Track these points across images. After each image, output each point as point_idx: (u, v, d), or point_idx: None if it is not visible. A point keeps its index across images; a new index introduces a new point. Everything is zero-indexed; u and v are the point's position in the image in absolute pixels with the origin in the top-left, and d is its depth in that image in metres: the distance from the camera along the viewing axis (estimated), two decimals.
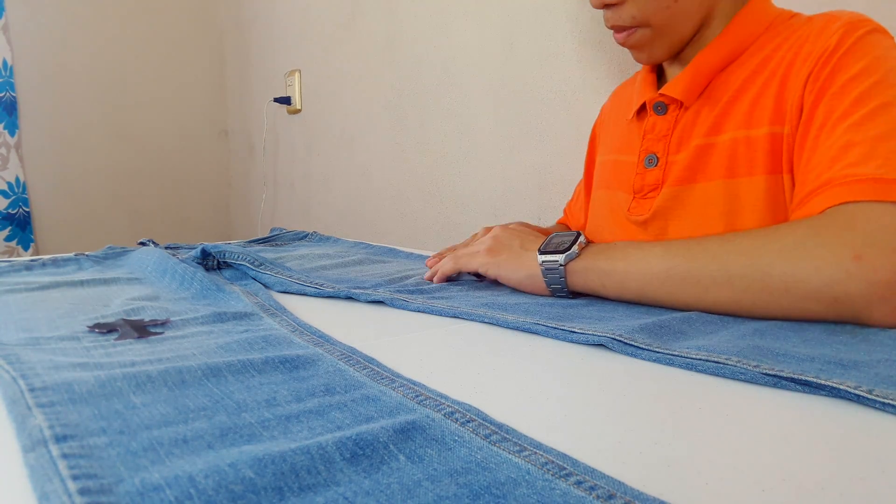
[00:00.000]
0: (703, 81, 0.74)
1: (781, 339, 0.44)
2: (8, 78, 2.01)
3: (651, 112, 0.79)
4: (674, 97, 0.76)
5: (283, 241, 1.02)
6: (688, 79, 0.75)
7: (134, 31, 2.28)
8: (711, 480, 0.26)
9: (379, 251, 0.90)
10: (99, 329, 0.46)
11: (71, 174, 2.19)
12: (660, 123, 0.78)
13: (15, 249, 2.06)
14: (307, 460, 0.26)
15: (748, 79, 0.71)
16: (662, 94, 0.77)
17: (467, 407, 0.32)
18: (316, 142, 1.99)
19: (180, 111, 2.40)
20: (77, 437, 0.27)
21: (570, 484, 0.25)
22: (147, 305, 0.53)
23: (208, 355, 0.40)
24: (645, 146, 0.79)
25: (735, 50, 0.73)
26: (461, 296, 0.61)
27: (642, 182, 0.79)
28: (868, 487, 0.26)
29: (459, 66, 1.44)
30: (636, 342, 0.44)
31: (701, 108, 0.74)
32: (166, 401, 0.32)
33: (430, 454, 0.27)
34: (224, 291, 0.59)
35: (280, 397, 0.33)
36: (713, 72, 0.74)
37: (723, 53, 0.74)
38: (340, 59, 1.83)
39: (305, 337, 0.45)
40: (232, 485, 0.24)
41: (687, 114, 0.76)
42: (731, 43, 0.74)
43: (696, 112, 0.75)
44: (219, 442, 0.28)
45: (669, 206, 0.75)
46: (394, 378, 0.36)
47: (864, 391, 0.34)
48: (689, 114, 0.75)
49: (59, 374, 0.35)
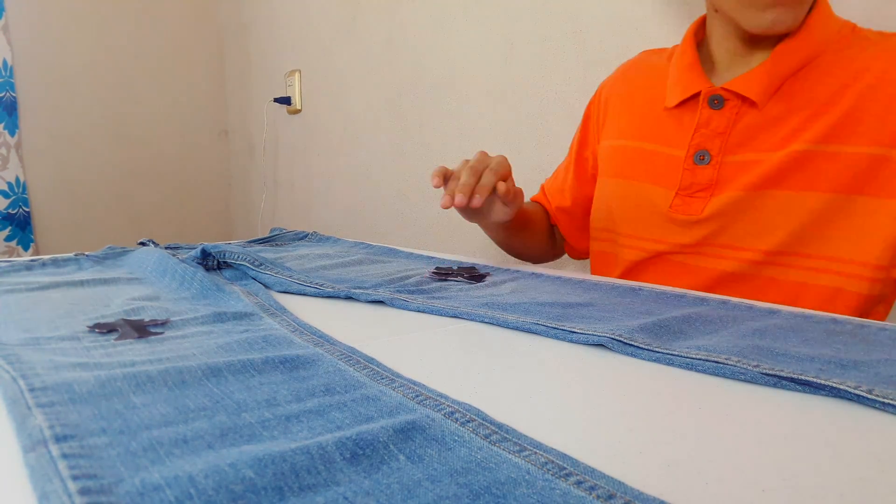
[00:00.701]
0: (779, 81, 0.70)
1: (781, 340, 0.44)
2: (8, 78, 2.01)
3: (705, 104, 0.74)
4: (745, 95, 0.71)
5: (283, 241, 1.02)
6: (766, 78, 0.70)
7: (134, 32, 2.28)
8: (711, 480, 0.26)
9: (379, 251, 0.90)
10: (99, 329, 0.46)
11: (71, 174, 2.19)
12: (716, 118, 0.73)
13: (15, 249, 2.06)
14: (307, 460, 0.26)
15: (838, 91, 0.67)
16: (727, 88, 0.72)
17: (467, 407, 0.32)
18: (316, 142, 1.99)
19: (180, 111, 2.40)
20: (77, 437, 0.27)
21: (571, 484, 0.25)
22: (147, 305, 0.53)
23: (208, 355, 0.40)
24: (696, 141, 0.74)
25: (811, 53, 0.69)
26: (461, 296, 0.61)
27: (692, 179, 0.74)
28: (868, 487, 0.26)
29: (459, 66, 1.44)
30: (636, 342, 0.44)
31: (771, 111, 0.70)
32: (166, 401, 0.32)
33: (430, 454, 0.27)
34: (224, 291, 0.59)
35: (280, 397, 0.33)
36: (790, 72, 0.70)
37: (801, 55, 0.69)
38: (340, 59, 1.83)
39: (305, 337, 0.45)
40: (232, 485, 0.24)
41: (753, 113, 0.71)
42: (809, 45, 0.69)
43: (765, 114, 0.70)
44: (219, 442, 0.28)
45: (731, 209, 0.71)
46: (394, 378, 0.36)
47: (864, 391, 0.34)
48: (756, 114, 0.71)
49: (59, 374, 0.35)
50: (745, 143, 0.71)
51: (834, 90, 0.67)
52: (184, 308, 0.53)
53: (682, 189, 0.75)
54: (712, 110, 0.73)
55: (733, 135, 0.72)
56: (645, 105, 0.83)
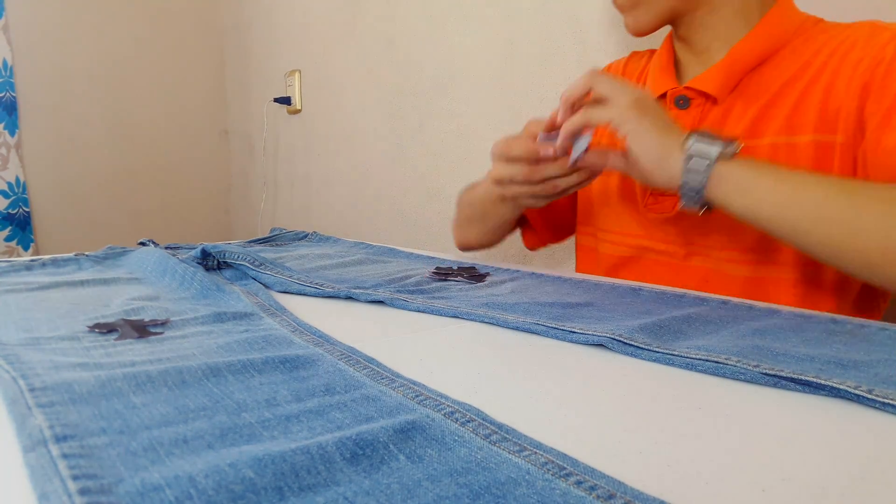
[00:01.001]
0: (737, 77, 0.72)
1: (781, 340, 0.44)
2: (8, 78, 2.01)
3: (671, 105, 0.76)
4: (705, 91, 0.73)
5: (283, 241, 1.02)
6: (723, 73, 0.72)
7: (134, 31, 2.27)
8: (711, 480, 0.26)
9: (379, 251, 0.90)
10: (99, 329, 0.46)
11: (71, 174, 2.19)
12: (683, 118, 0.75)
13: (15, 249, 2.06)
14: (307, 460, 0.26)
15: (788, 82, 0.69)
16: (690, 87, 0.74)
17: (467, 407, 0.32)
18: (316, 142, 1.99)
19: (180, 111, 2.40)
20: (77, 437, 0.27)
21: (570, 484, 0.25)
22: (147, 305, 0.53)
23: (208, 355, 0.40)
24: None
25: (770, 48, 0.71)
26: (461, 296, 0.61)
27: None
28: (868, 487, 0.26)
29: (459, 66, 1.43)
30: (636, 342, 0.44)
31: (732, 106, 0.72)
32: (166, 401, 0.32)
33: (430, 454, 0.27)
34: (224, 291, 0.59)
35: (280, 397, 0.33)
36: (747, 68, 0.72)
37: (758, 50, 0.71)
38: (340, 59, 1.83)
39: (305, 337, 0.45)
40: (232, 485, 0.24)
41: (715, 110, 0.73)
42: (766, 40, 0.71)
43: (726, 110, 0.72)
44: (219, 442, 0.28)
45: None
46: (394, 378, 0.36)
47: (864, 391, 0.34)
48: (719, 111, 0.73)
49: (59, 374, 0.35)
50: None
51: (784, 82, 0.69)
52: (184, 308, 0.53)
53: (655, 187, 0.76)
54: (679, 110, 0.75)
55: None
56: None
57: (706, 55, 0.76)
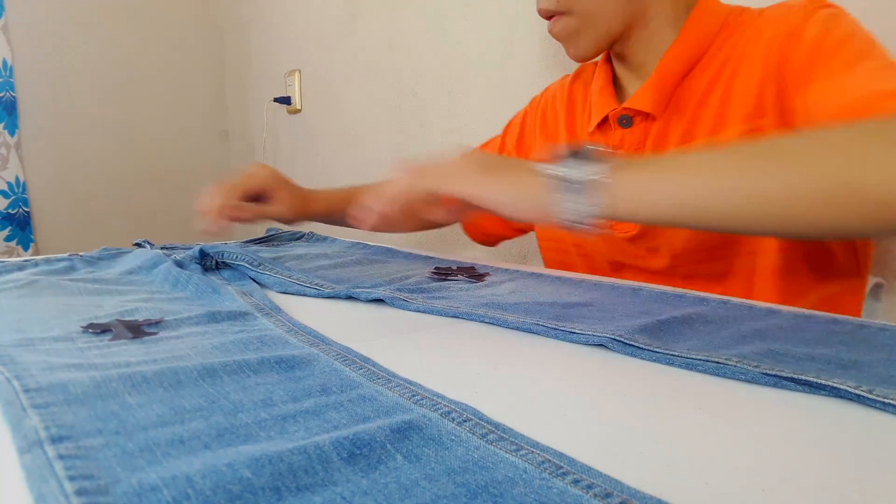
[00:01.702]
0: (669, 91, 0.72)
1: (781, 340, 0.44)
2: (8, 78, 2.01)
3: (615, 125, 0.76)
4: (641, 110, 0.73)
5: (280, 241, 1.02)
6: (654, 89, 0.72)
7: (134, 31, 2.27)
8: (711, 480, 0.26)
9: (377, 251, 0.90)
10: (93, 329, 0.46)
11: (71, 174, 2.19)
12: (628, 137, 0.75)
13: (15, 249, 2.06)
14: (304, 460, 0.25)
15: (711, 81, 0.69)
16: (627, 107, 0.74)
17: (464, 406, 0.32)
18: (316, 142, 1.99)
19: (180, 111, 2.40)
20: (73, 437, 0.27)
21: (567, 482, 0.25)
22: (141, 306, 0.53)
23: (203, 356, 0.39)
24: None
25: (695, 54, 0.71)
26: (461, 296, 0.61)
27: None
28: (868, 487, 0.26)
29: (459, 66, 1.43)
30: (636, 342, 0.44)
31: (670, 119, 0.72)
32: (162, 401, 0.32)
33: (427, 453, 0.27)
34: (219, 292, 0.59)
35: (276, 397, 0.33)
36: (677, 79, 0.71)
37: (684, 59, 0.71)
38: (340, 59, 1.83)
39: (301, 337, 0.45)
40: (229, 485, 0.24)
41: (657, 125, 0.73)
42: (689, 48, 0.71)
43: (665, 123, 0.72)
44: (215, 442, 0.28)
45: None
46: (390, 378, 0.36)
47: (865, 391, 0.34)
48: (660, 125, 0.73)
49: (53, 374, 0.35)
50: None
51: (708, 82, 0.70)
52: (178, 308, 0.53)
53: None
54: (624, 129, 0.75)
55: (646, 149, 0.74)
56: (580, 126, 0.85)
57: (643, 69, 0.76)
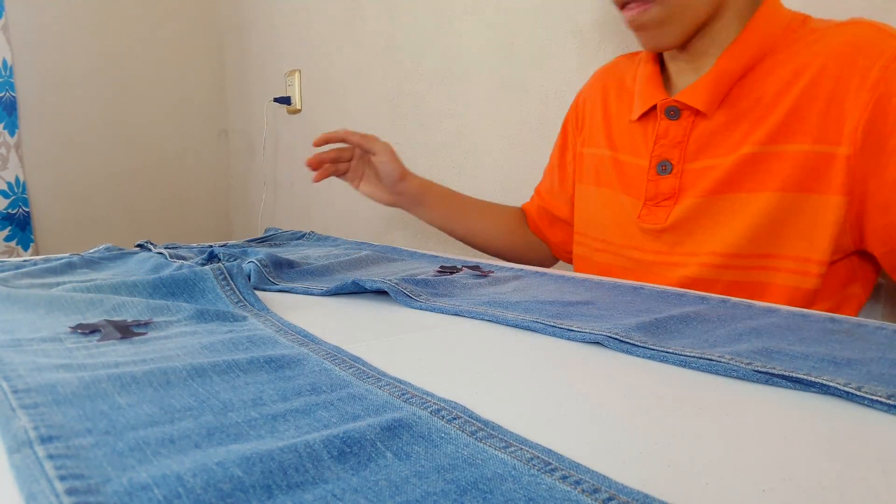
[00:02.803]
0: (725, 89, 0.71)
1: (778, 338, 0.44)
2: (8, 78, 2.01)
3: (662, 115, 0.75)
4: (693, 106, 0.72)
5: (280, 240, 1.02)
6: (710, 88, 0.71)
7: (134, 31, 2.28)
8: (709, 478, 0.26)
9: (383, 249, 0.90)
10: (81, 330, 0.45)
11: (71, 174, 2.19)
12: (673, 129, 0.74)
13: (14, 250, 2.06)
14: (295, 458, 0.25)
15: (780, 91, 0.67)
16: (678, 99, 0.73)
17: (453, 404, 0.32)
18: None
19: (180, 111, 2.40)
20: (62, 437, 0.27)
21: (556, 479, 0.25)
22: (129, 306, 0.53)
23: (193, 356, 0.39)
24: (657, 152, 0.75)
25: (755, 56, 0.69)
26: (465, 293, 0.61)
27: (656, 190, 0.75)
28: (868, 487, 0.26)
29: (459, 66, 1.43)
30: (632, 339, 0.44)
31: (722, 117, 0.71)
32: (152, 401, 0.32)
33: (417, 451, 0.27)
34: (208, 292, 0.59)
35: (266, 397, 0.33)
36: (735, 78, 0.70)
37: (744, 60, 0.70)
38: (340, 59, 1.83)
39: (290, 337, 0.45)
40: (220, 483, 0.24)
41: (706, 123, 0.72)
42: (752, 47, 0.69)
43: (716, 120, 0.71)
44: (206, 441, 0.27)
45: (691, 216, 0.72)
46: (380, 377, 0.36)
47: (854, 388, 0.34)
48: (708, 125, 0.72)
49: (41, 375, 0.34)
50: (702, 151, 0.72)
51: (777, 90, 0.68)
52: (167, 308, 0.52)
53: (648, 199, 0.77)
54: (669, 121, 0.75)
55: (691, 143, 0.73)
56: (617, 115, 0.84)
57: (701, 60, 0.75)
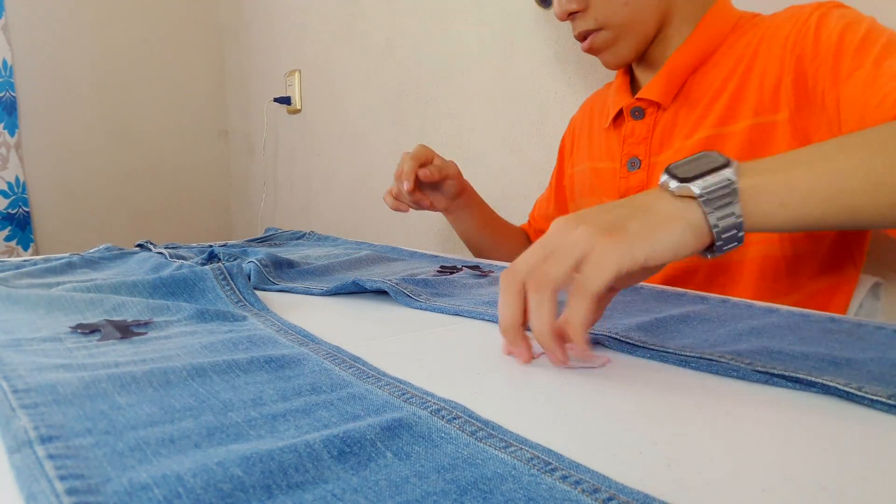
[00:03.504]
0: (678, 83, 0.76)
1: (778, 338, 0.44)
2: (8, 78, 2.01)
3: (629, 117, 0.80)
4: (651, 99, 0.77)
5: (280, 240, 1.02)
6: (663, 81, 0.76)
7: (134, 31, 2.28)
8: (711, 480, 0.26)
9: (384, 249, 0.90)
10: (81, 330, 0.45)
11: (71, 174, 2.19)
12: (639, 127, 0.79)
13: (15, 249, 2.06)
14: (295, 458, 0.25)
15: (726, 78, 0.72)
16: (639, 98, 0.78)
17: (453, 404, 0.32)
18: (316, 142, 1.99)
19: (180, 111, 2.40)
20: (63, 437, 0.27)
21: (556, 479, 0.25)
22: (130, 306, 0.53)
23: (193, 356, 0.39)
24: (626, 150, 0.80)
25: (706, 50, 0.75)
26: (465, 292, 0.61)
27: (627, 185, 0.80)
28: (868, 487, 0.25)
29: (459, 66, 1.43)
30: (632, 339, 0.44)
31: (679, 109, 0.76)
32: (152, 401, 0.32)
33: (417, 451, 0.27)
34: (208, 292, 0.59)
35: (266, 396, 0.33)
36: (687, 73, 0.76)
37: (695, 54, 0.75)
38: (340, 59, 1.83)
39: (290, 337, 0.45)
40: (220, 483, 0.24)
41: (665, 115, 0.77)
42: (701, 44, 0.75)
43: (674, 113, 0.76)
44: (206, 441, 0.27)
45: None
46: (379, 377, 0.36)
47: (854, 388, 0.33)
48: (668, 115, 0.77)
49: (41, 375, 0.35)
50: (665, 143, 0.77)
51: (723, 77, 0.73)
52: (167, 308, 0.52)
53: (620, 195, 0.80)
54: (636, 121, 0.80)
55: (654, 138, 0.78)
56: (597, 129, 0.91)
57: (659, 64, 0.80)
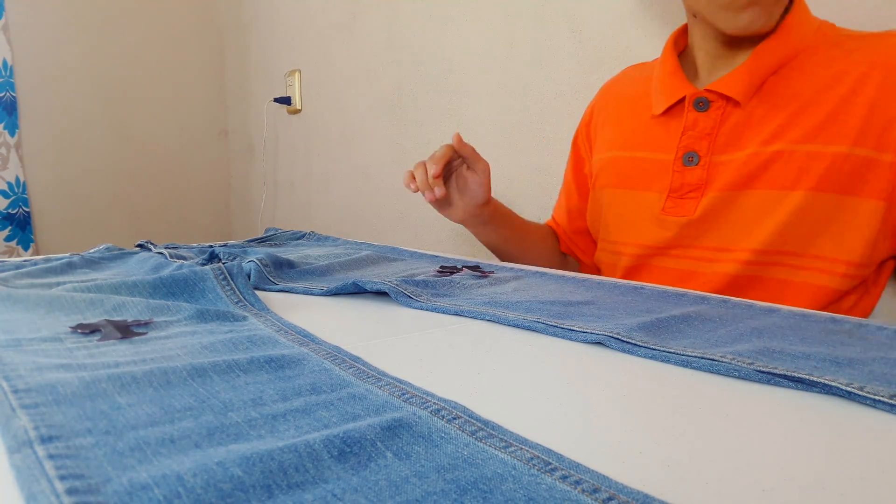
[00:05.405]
0: (760, 80, 0.71)
1: (779, 338, 0.44)
2: (8, 78, 2.01)
3: (691, 107, 0.75)
4: (728, 95, 0.72)
5: (280, 240, 1.01)
6: (747, 77, 0.71)
7: (134, 31, 2.28)
8: (711, 480, 0.26)
9: (384, 250, 0.90)
10: (81, 330, 0.45)
11: (71, 174, 2.19)
12: (702, 120, 0.74)
13: (15, 249, 2.06)
14: (295, 458, 0.25)
15: (819, 91, 0.68)
16: (711, 89, 0.73)
17: (453, 404, 0.32)
18: (316, 142, 1.99)
19: (180, 111, 2.40)
20: (63, 437, 0.27)
21: (556, 478, 0.25)
22: (130, 306, 0.53)
23: (193, 356, 0.39)
24: (684, 143, 0.75)
25: (791, 52, 0.71)
26: (465, 293, 0.61)
27: (682, 181, 0.75)
28: (868, 487, 0.25)
29: (459, 66, 1.43)
30: (633, 339, 0.44)
31: (755, 110, 0.71)
32: (152, 401, 0.32)
33: (417, 451, 0.27)
34: (208, 292, 0.59)
35: (266, 396, 0.33)
36: (770, 71, 0.71)
37: (780, 54, 0.71)
38: (340, 59, 1.83)
39: (290, 337, 0.45)
40: (220, 483, 0.24)
41: (738, 113, 0.72)
42: (787, 44, 0.71)
43: (749, 113, 0.72)
44: (206, 441, 0.27)
45: (719, 209, 0.72)
46: (380, 377, 0.36)
47: (856, 388, 0.33)
48: (742, 113, 0.72)
49: (42, 375, 0.34)
50: (732, 143, 0.72)
51: (816, 90, 0.68)
52: (167, 308, 0.52)
53: (672, 191, 0.76)
54: (698, 113, 0.75)
55: (720, 135, 0.73)
56: (632, 116, 0.85)
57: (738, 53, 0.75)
